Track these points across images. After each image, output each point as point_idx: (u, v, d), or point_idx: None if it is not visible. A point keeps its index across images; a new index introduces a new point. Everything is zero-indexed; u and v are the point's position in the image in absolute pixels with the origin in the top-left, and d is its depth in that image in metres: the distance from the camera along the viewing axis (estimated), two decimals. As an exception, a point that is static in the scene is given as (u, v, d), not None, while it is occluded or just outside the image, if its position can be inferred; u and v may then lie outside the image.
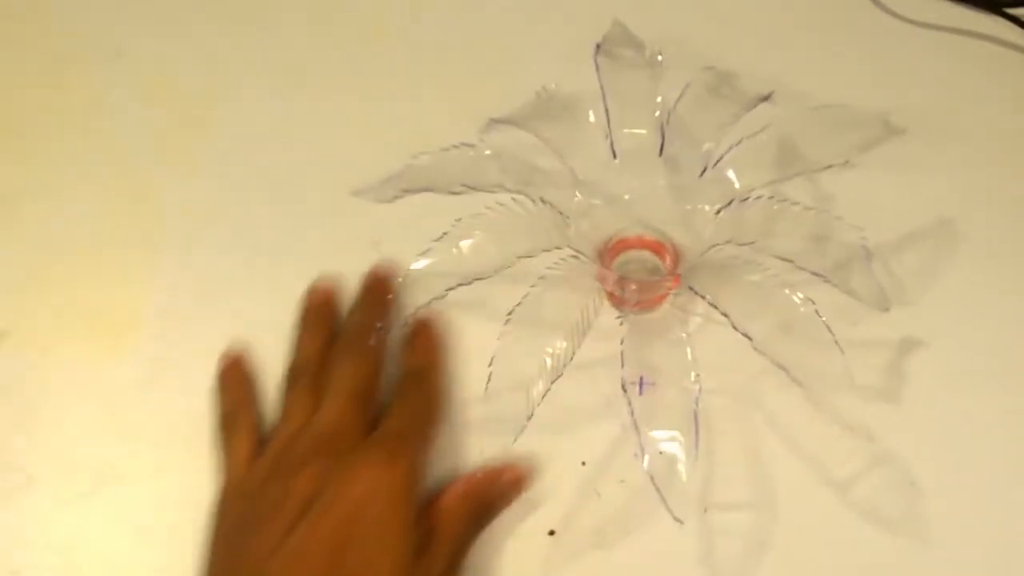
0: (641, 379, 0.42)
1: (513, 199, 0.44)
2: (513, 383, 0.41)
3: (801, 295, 0.41)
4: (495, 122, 0.49)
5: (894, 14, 0.59)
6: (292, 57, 0.58)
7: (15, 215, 0.52)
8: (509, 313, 0.42)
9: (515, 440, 0.41)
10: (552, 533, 0.41)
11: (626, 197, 0.48)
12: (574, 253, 0.44)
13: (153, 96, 0.57)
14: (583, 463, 0.42)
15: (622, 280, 0.44)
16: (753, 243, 0.42)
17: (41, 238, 0.51)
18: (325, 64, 0.58)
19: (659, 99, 0.47)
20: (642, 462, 0.39)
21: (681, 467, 0.39)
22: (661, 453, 0.39)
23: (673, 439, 0.40)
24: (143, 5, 0.61)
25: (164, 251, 0.49)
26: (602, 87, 0.48)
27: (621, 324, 0.43)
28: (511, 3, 0.60)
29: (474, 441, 0.42)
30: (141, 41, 0.59)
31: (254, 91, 0.56)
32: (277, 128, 0.54)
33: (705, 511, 0.41)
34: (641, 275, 0.47)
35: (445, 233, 0.44)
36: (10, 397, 0.45)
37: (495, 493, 0.39)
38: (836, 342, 0.40)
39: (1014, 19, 0.57)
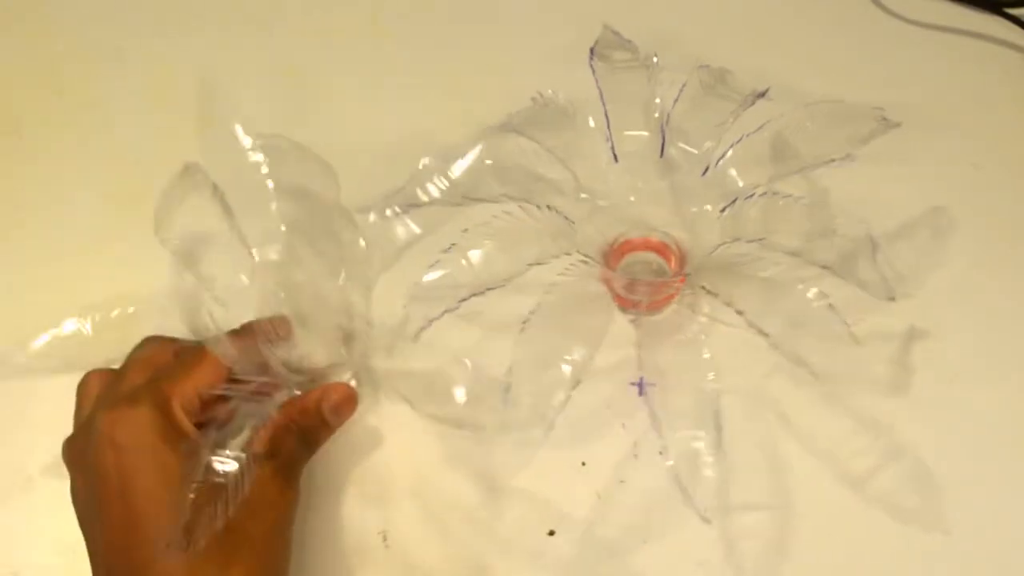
0: (642, 380, 0.42)
1: (520, 207, 0.44)
2: (532, 392, 0.41)
3: (815, 290, 0.41)
4: (495, 129, 0.49)
5: (894, 14, 0.59)
6: (290, 59, 0.58)
7: (15, 215, 0.52)
8: (524, 322, 0.42)
9: (535, 452, 0.41)
10: (552, 533, 0.41)
11: (631, 199, 0.48)
12: (583, 258, 0.43)
13: (153, 96, 0.57)
14: (583, 463, 0.42)
15: (632, 282, 0.44)
16: (763, 239, 0.42)
17: (41, 238, 0.51)
18: (323, 66, 0.58)
19: (657, 100, 0.47)
20: (667, 462, 0.39)
21: (707, 466, 0.39)
22: (685, 452, 0.39)
23: (696, 439, 0.40)
24: (144, 5, 0.62)
25: (164, 250, 0.49)
26: (600, 91, 0.47)
27: (637, 327, 0.43)
28: (506, 7, 0.60)
29: (492, 450, 0.42)
30: (142, 42, 0.59)
31: (252, 92, 0.56)
32: (275, 129, 0.54)
33: (713, 513, 0.41)
34: (647, 276, 0.47)
35: (453, 244, 0.43)
36: (11, 397, 0.45)
37: (322, 415, 0.41)
38: (852, 334, 0.40)
39: (1014, 19, 0.57)
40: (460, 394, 0.41)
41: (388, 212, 0.47)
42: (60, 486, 0.39)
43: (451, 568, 0.40)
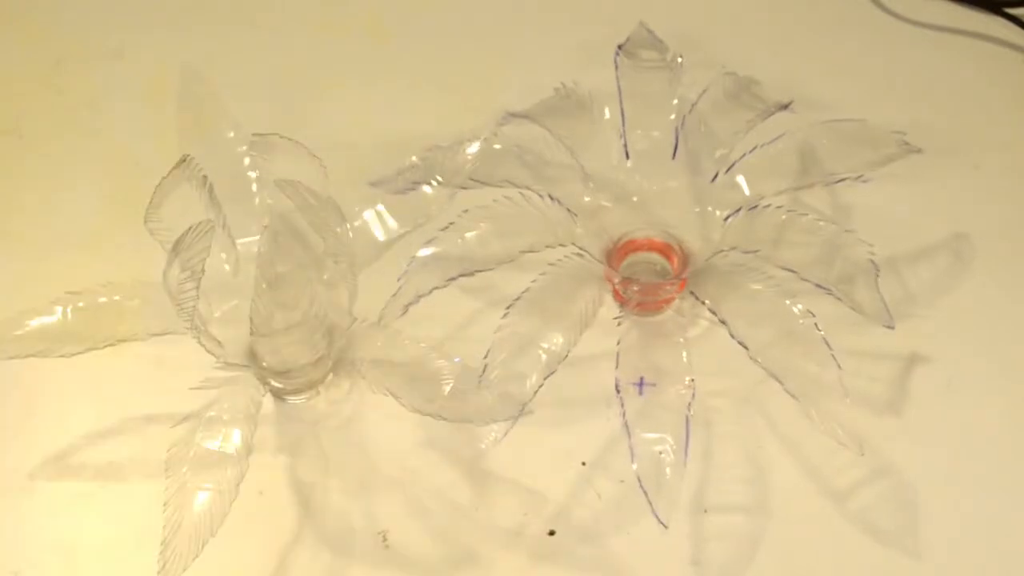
0: (642, 380, 0.42)
1: (521, 194, 0.44)
2: (508, 376, 0.41)
3: (801, 306, 0.41)
4: (511, 116, 0.49)
5: (894, 14, 0.59)
6: (293, 57, 0.58)
7: (15, 214, 0.52)
8: (508, 307, 0.42)
9: (506, 434, 0.42)
10: (552, 533, 0.41)
11: (634, 199, 0.47)
12: (579, 251, 0.43)
13: (153, 96, 0.57)
14: (583, 463, 0.42)
15: (625, 281, 0.44)
16: (758, 251, 0.42)
17: (41, 237, 0.51)
18: (328, 65, 0.58)
19: (675, 102, 0.47)
20: (632, 464, 0.39)
21: (669, 470, 0.39)
22: (651, 455, 0.39)
23: (663, 442, 0.40)
24: (143, 5, 0.62)
25: (163, 250, 0.49)
26: (620, 88, 0.47)
27: (619, 324, 0.43)
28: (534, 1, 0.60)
29: (492, 449, 0.42)
30: (141, 41, 0.59)
31: (253, 91, 0.56)
32: (277, 127, 0.54)
33: (705, 512, 0.41)
34: (649, 277, 0.47)
35: (451, 223, 0.44)
36: (10, 397, 0.45)
37: None
38: (833, 356, 0.40)
39: (1014, 19, 0.57)
40: (446, 388, 0.41)
41: (396, 188, 0.47)
42: (60, 486, 0.39)
43: (451, 568, 0.40)
